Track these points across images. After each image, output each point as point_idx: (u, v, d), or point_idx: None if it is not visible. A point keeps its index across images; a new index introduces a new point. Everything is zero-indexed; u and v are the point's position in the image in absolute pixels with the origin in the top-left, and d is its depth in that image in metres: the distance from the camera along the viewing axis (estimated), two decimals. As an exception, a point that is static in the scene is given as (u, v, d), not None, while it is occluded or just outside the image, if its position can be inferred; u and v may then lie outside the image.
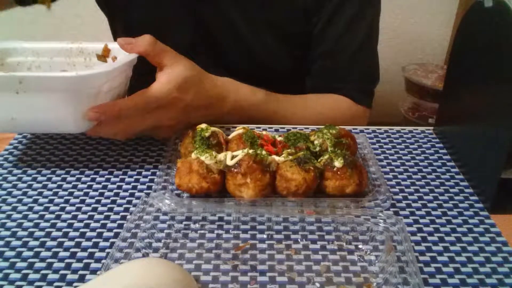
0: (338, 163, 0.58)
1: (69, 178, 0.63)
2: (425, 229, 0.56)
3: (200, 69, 0.66)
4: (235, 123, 0.72)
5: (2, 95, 0.55)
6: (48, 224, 0.55)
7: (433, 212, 0.59)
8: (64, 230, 0.54)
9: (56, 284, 0.48)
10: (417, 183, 0.64)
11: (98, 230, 0.55)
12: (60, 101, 0.55)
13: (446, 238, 0.54)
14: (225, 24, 0.82)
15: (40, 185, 0.62)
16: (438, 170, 0.67)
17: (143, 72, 0.64)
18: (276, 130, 0.75)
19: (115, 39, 0.91)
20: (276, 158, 0.59)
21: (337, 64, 0.84)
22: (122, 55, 0.64)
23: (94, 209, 0.58)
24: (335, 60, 0.84)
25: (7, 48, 0.69)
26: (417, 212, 0.58)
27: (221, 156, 0.58)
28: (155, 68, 0.63)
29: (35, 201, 0.59)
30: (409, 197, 0.61)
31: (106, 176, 0.64)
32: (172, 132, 0.67)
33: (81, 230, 0.55)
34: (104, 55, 0.68)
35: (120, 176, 0.64)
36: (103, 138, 0.70)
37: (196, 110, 0.65)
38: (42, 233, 0.54)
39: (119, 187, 0.62)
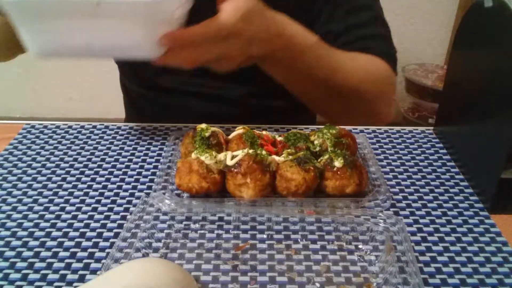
0: (338, 163, 0.58)
1: (69, 178, 0.63)
2: (425, 229, 0.56)
3: (261, 1, 0.64)
4: (285, 65, 0.69)
5: (77, 19, 0.53)
6: (48, 224, 0.55)
7: (433, 212, 0.59)
8: (64, 230, 0.54)
9: (56, 284, 0.48)
10: (417, 183, 0.64)
11: (98, 230, 0.55)
12: (136, 26, 0.54)
13: (446, 238, 0.54)
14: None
15: (40, 185, 0.62)
16: (438, 170, 0.67)
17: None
18: (276, 130, 0.75)
19: None
20: (276, 158, 0.59)
21: (360, 19, 0.80)
22: None
23: (94, 209, 0.58)
24: (357, 16, 0.80)
25: None
26: (417, 212, 0.58)
27: (221, 156, 0.58)
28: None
29: (35, 201, 0.59)
30: (409, 197, 0.61)
31: (106, 176, 0.64)
32: (234, 65, 0.64)
33: (81, 230, 0.55)
34: None
35: (120, 176, 0.64)
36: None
37: (257, 42, 0.63)
38: (42, 233, 0.54)
39: (119, 187, 0.62)
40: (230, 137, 0.65)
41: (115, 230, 0.54)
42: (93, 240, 0.53)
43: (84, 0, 0.51)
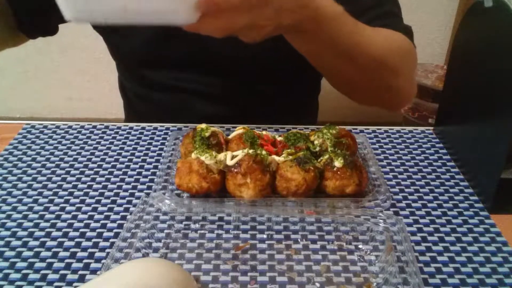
0: (338, 163, 0.58)
1: (69, 178, 0.63)
2: (425, 229, 0.56)
3: None
4: (311, 36, 0.67)
5: None
6: (48, 224, 0.55)
7: (433, 212, 0.59)
8: (64, 230, 0.55)
9: (56, 284, 0.48)
10: (417, 183, 0.64)
11: (98, 230, 0.55)
12: None
13: (446, 238, 0.54)
14: None
15: (40, 185, 0.62)
16: (438, 170, 0.67)
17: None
18: (276, 130, 0.75)
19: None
20: (276, 158, 0.59)
21: (373, 2, 0.80)
22: None
23: (94, 209, 0.58)
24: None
25: None
26: (417, 212, 0.58)
27: (221, 156, 0.58)
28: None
29: (35, 201, 0.59)
30: (409, 197, 0.61)
31: (106, 176, 0.64)
32: (263, 34, 0.62)
33: (81, 230, 0.55)
34: None
35: (120, 176, 0.64)
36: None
37: (286, 12, 0.62)
38: (42, 233, 0.54)
39: (119, 187, 0.62)
40: (230, 137, 0.65)
41: (115, 230, 0.54)
42: (93, 240, 0.53)
43: None
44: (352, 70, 0.74)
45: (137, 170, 0.65)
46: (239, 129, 0.65)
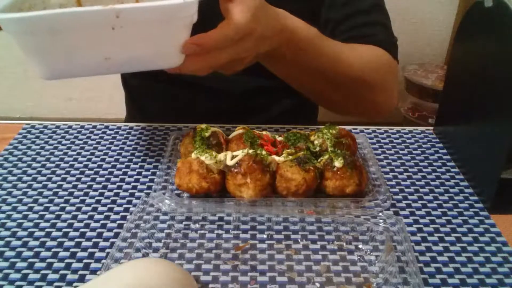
0: (338, 163, 0.58)
1: (69, 178, 0.63)
2: (425, 229, 0.56)
3: None
4: (288, 59, 0.69)
5: (95, 33, 0.47)
6: (48, 224, 0.55)
7: (433, 212, 0.59)
8: (64, 230, 0.55)
9: (56, 284, 0.48)
10: (417, 183, 0.64)
11: (98, 230, 0.55)
12: (159, 33, 0.50)
13: (446, 238, 0.54)
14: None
15: (40, 185, 0.62)
16: (438, 170, 0.67)
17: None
18: (276, 130, 0.75)
19: None
20: (276, 158, 0.59)
21: (359, 7, 0.80)
22: None
23: (94, 209, 0.58)
24: (356, 3, 0.80)
25: None
26: (417, 212, 0.58)
27: (221, 156, 0.58)
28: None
29: (35, 201, 0.59)
30: (409, 197, 0.61)
31: (106, 176, 0.64)
32: (243, 66, 0.63)
33: (81, 230, 0.55)
34: None
35: (120, 176, 0.64)
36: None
37: (264, 40, 0.62)
38: (42, 233, 0.54)
39: (119, 187, 0.62)
40: (230, 137, 0.65)
41: (115, 230, 0.54)
42: (93, 240, 0.53)
43: (104, 11, 0.46)
44: (331, 90, 0.75)
45: (137, 170, 0.65)
46: (239, 129, 0.65)
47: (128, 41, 0.49)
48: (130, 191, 0.61)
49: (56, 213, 0.57)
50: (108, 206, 0.58)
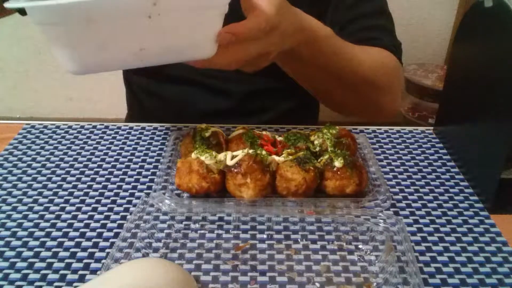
0: (338, 163, 0.58)
1: (69, 178, 0.63)
2: (425, 229, 0.56)
3: None
4: (305, 59, 0.68)
5: (130, 22, 0.45)
6: (48, 224, 0.55)
7: (433, 212, 0.59)
8: (64, 230, 0.54)
9: (56, 284, 0.48)
10: (417, 183, 0.64)
11: (98, 230, 0.55)
12: (195, 22, 0.48)
13: (446, 238, 0.54)
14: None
15: (40, 185, 0.62)
16: (438, 170, 0.67)
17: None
18: (276, 130, 0.75)
19: None
20: (276, 158, 0.59)
21: (364, 10, 0.81)
22: None
23: (94, 209, 0.58)
24: (362, 7, 0.81)
25: None
26: (417, 212, 0.58)
27: (221, 156, 0.58)
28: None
29: (35, 201, 0.59)
30: (409, 197, 0.61)
31: (106, 176, 0.64)
32: (267, 62, 0.62)
33: (81, 230, 0.55)
34: None
35: (120, 176, 0.64)
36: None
37: (287, 36, 0.61)
38: (42, 233, 0.54)
39: (119, 187, 0.62)
40: (230, 137, 0.65)
41: (115, 230, 0.54)
42: (93, 240, 0.53)
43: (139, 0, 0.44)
44: (341, 89, 0.75)
45: (137, 170, 0.65)
46: (239, 129, 0.65)
47: (164, 30, 0.47)
48: (130, 191, 0.61)
49: (56, 213, 0.57)
50: (108, 206, 0.58)
